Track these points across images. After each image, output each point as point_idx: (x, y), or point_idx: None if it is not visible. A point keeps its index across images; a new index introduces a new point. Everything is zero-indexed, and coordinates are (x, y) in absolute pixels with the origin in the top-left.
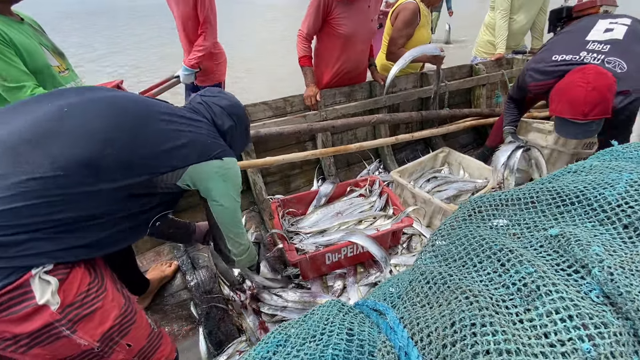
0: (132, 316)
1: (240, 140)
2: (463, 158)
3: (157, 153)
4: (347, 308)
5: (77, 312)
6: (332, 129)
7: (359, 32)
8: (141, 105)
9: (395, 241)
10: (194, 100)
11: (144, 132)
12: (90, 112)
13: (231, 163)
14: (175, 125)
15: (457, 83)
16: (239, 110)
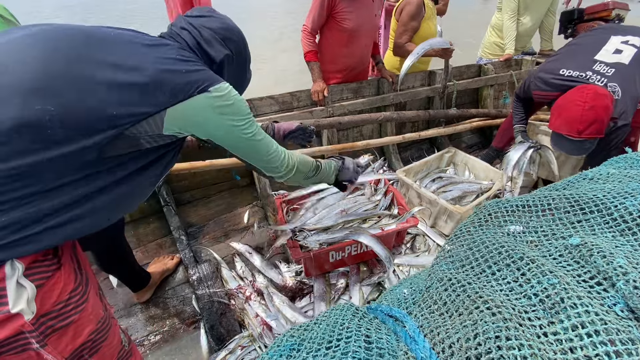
0: (106, 332)
1: (235, 80)
2: (469, 159)
3: (113, 98)
4: (361, 313)
5: (52, 323)
6: (338, 125)
7: (364, 26)
8: (79, 36)
9: (399, 241)
10: (177, 24)
11: (90, 72)
12: (11, 56)
13: (222, 91)
14: (133, 58)
15: (465, 82)
16: (236, 35)
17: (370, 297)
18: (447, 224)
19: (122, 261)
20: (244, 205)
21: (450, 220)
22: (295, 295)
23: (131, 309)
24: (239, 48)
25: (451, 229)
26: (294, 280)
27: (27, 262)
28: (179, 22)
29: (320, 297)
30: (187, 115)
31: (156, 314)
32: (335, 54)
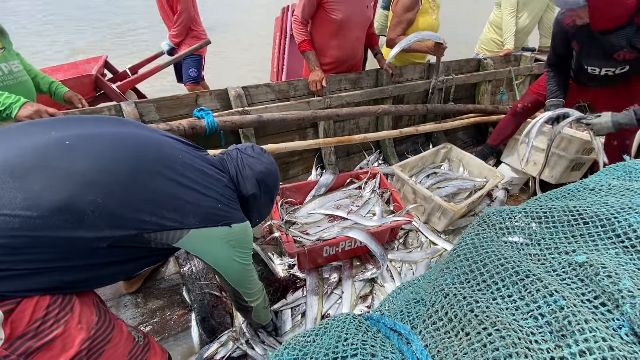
0: (106, 335)
1: (260, 210)
2: (464, 155)
3: (152, 209)
4: (364, 326)
5: (30, 343)
6: (336, 117)
7: (354, 18)
8: (150, 148)
9: (392, 237)
10: (230, 152)
11: (143, 181)
12: (83, 148)
13: (241, 230)
14: (185, 179)
15: (464, 77)
16: (271, 180)
17: (363, 292)
18: (440, 220)
19: None
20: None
21: (443, 217)
22: (287, 288)
23: (120, 299)
24: (269, 189)
25: (444, 225)
26: (286, 274)
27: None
28: (232, 154)
29: (313, 291)
30: (201, 238)
31: (146, 305)
32: (324, 45)
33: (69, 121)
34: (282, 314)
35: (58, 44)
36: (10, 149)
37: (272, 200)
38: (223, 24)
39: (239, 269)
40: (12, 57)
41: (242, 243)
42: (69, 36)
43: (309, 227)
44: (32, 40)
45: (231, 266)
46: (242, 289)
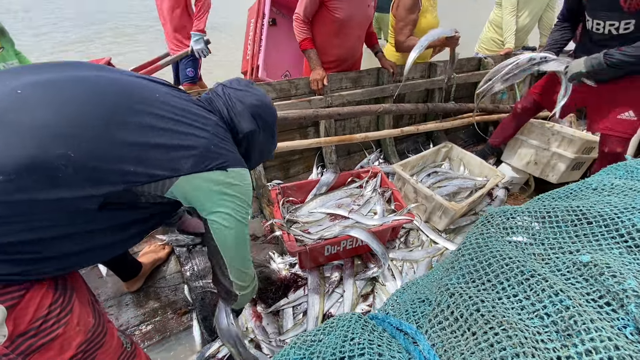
0: (100, 339)
1: (260, 150)
2: (465, 154)
3: (136, 157)
4: (370, 325)
5: (31, 342)
6: (337, 116)
7: (355, 17)
8: (125, 91)
9: (393, 236)
10: (215, 89)
11: (120, 128)
12: (43, 97)
13: (239, 176)
14: (168, 122)
15: (464, 76)
16: (268, 113)
17: (364, 291)
18: (441, 219)
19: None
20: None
21: (444, 216)
22: (289, 287)
23: (121, 298)
24: (267, 124)
25: (445, 224)
26: (288, 272)
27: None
28: (218, 91)
29: (314, 290)
30: (194, 185)
31: (147, 304)
32: (326, 44)
33: (22, 70)
34: (283, 312)
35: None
36: None
37: (273, 136)
38: (222, 24)
39: (238, 227)
40: (11, 57)
41: (240, 194)
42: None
43: (310, 226)
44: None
45: (230, 222)
46: (237, 263)
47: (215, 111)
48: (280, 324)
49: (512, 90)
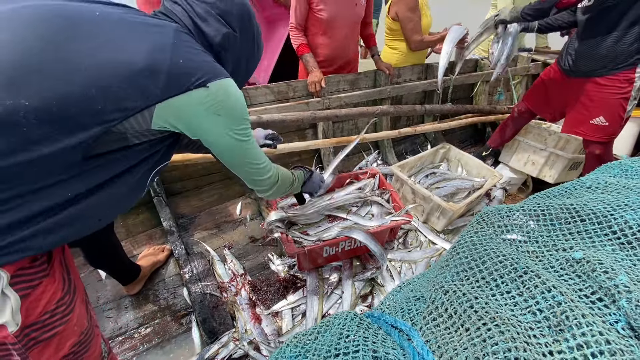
0: (88, 343)
1: (245, 58)
2: (462, 155)
3: (98, 90)
4: (365, 323)
5: (35, 335)
6: (335, 118)
7: (341, 16)
8: (59, 21)
9: (392, 237)
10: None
11: (70, 62)
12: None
13: (223, 89)
14: (121, 43)
15: (461, 77)
16: (237, 8)
17: (363, 292)
18: (439, 220)
19: (111, 256)
20: (237, 197)
21: (442, 216)
22: (288, 289)
23: (121, 301)
24: (243, 23)
25: (443, 225)
26: (287, 274)
27: (12, 270)
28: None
29: (313, 291)
30: (178, 112)
31: (147, 307)
32: (313, 44)
33: None
34: (282, 314)
35: None
36: None
37: (254, 38)
38: None
39: (237, 146)
40: None
41: (230, 108)
42: None
43: (308, 227)
44: None
45: (225, 142)
46: (251, 175)
47: (175, 20)
48: (280, 326)
49: (509, 91)
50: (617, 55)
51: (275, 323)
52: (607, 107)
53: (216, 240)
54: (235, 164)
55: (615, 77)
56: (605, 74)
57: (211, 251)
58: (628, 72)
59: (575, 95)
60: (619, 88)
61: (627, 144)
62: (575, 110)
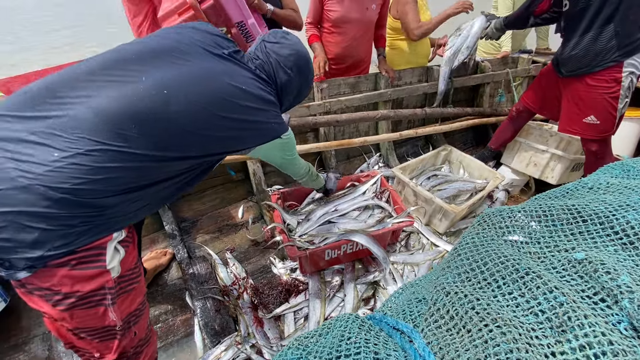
0: (144, 306)
1: (297, 94)
2: (464, 157)
3: (221, 148)
4: (367, 325)
5: (123, 286)
6: (336, 123)
7: (351, 16)
8: (215, 90)
9: (394, 239)
10: (259, 48)
11: (213, 128)
12: (188, 95)
13: (287, 136)
14: (245, 111)
15: (462, 80)
16: (299, 61)
17: (365, 295)
18: (441, 222)
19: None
20: (239, 200)
21: (445, 218)
22: (290, 292)
23: None
24: (301, 70)
25: (446, 227)
26: (289, 277)
27: (127, 230)
28: (260, 46)
29: (315, 294)
30: (261, 150)
31: (149, 310)
32: (325, 41)
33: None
34: (285, 317)
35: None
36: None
37: (307, 78)
38: None
39: (288, 161)
40: None
41: (289, 146)
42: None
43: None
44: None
45: (282, 161)
46: (290, 172)
47: (268, 75)
48: (282, 329)
49: (510, 92)
50: (597, 53)
51: (278, 326)
52: (596, 107)
53: (218, 243)
54: (284, 168)
55: (601, 77)
56: (591, 71)
57: (213, 254)
58: (613, 72)
59: (568, 94)
60: (607, 88)
61: (629, 144)
62: (569, 109)
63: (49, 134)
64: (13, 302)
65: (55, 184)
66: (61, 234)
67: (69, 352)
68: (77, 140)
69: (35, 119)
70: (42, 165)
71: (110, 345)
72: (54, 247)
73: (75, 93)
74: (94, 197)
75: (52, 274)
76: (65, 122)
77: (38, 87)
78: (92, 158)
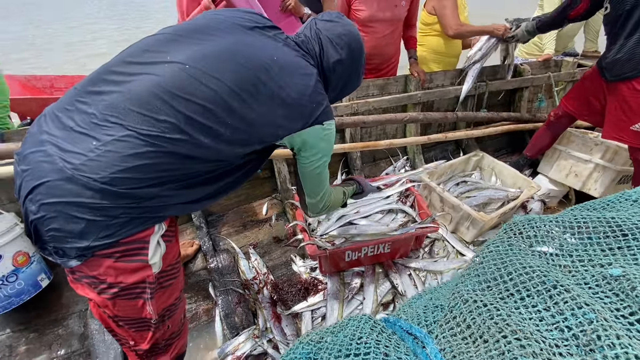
0: (180, 301)
1: (342, 85)
2: (497, 164)
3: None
4: (379, 327)
5: (162, 281)
6: (363, 124)
7: (379, 16)
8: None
9: (417, 245)
10: (309, 26)
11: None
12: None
13: (330, 126)
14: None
15: (498, 83)
16: (353, 43)
17: (385, 299)
18: (469, 230)
19: None
20: (264, 197)
21: (472, 227)
22: (309, 290)
23: None
24: (353, 55)
25: (473, 235)
26: (308, 276)
27: (167, 224)
28: (311, 24)
29: (333, 295)
30: (299, 136)
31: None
32: None
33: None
34: (302, 315)
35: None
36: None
37: (358, 70)
38: None
39: (320, 163)
40: None
41: (329, 139)
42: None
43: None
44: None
45: (315, 158)
46: (312, 189)
47: (311, 55)
48: (299, 327)
49: (551, 98)
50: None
51: (295, 324)
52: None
53: (242, 238)
54: (308, 177)
55: None
56: (637, 75)
57: (236, 248)
58: None
59: (614, 100)
60: None
61: None
62: (615, 116)
63: (89, 123)
64: (56, 279)
65: (94, 174)
66: (104, 225)
67: (101, 330)
68: (113, 127)
69: (78, 112)
70: (82, 155)
71: (145, 336)
72: (99, 238)
73: (112, 78)
74: (129, 187)
75: (99, 263)
76: (102, 110)
77: (81, 83)
78: (124, 144)
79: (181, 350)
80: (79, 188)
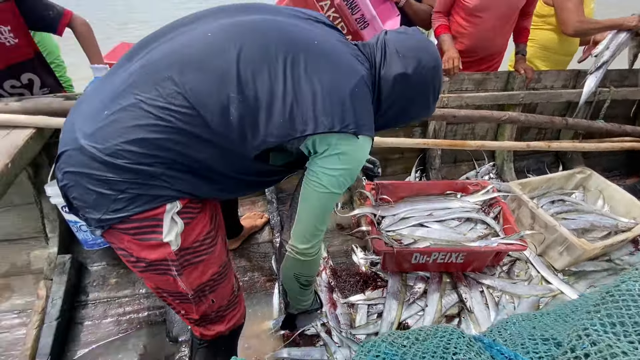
0: (224, 276)
1: (403, 105)
2: (608, 186)
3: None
4: (476, 347)
5: (188, 258)
6: (452, 118)
7: (492, 5)
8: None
9: (495, 261)
10: (377, 35)
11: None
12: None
13: (362, 146)
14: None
15: (625, 91)
16: (425, 58)
17: (450, 312)
18: (561, 256)
19: (230, 209)
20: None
21: (567, 253)
22: (368, 284)
23: None
24: (424, 72)
25: (566, 263)
26: (368, 269)
27: (184, 202)
28: (378, 37)
29: (394, 294)
30: (323, 142)
31: (240, 263)
32: (456, 32)
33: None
34: (358, 307)
35: None
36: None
37: (426, 94)
38: None
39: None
40: None
41: (353, 164)
42: None
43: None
44: None
45: (327, 182)
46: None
47: (367, 56)
48: (353, 318)
49: None
50: None
51: (350, 314)
52: None
53: None
54: (308, 202)
55: None
56: None
57: None
58: None
59: None
60: None
61: None
62: None
63: (112, 91)
64: None
65: (99, 144)
66: (113, 199)
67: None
68: (125, 96)
69: (109, 81)
70: (92, 124)
71: (190, 307)
72: (109, 211)
73: (150, 45)
74: (132, 161)
75: (120, 238)
76: (124, 79)
77: (125, 54)
78: (129, 114)
79: (238, 322)
80: (88, 159)
